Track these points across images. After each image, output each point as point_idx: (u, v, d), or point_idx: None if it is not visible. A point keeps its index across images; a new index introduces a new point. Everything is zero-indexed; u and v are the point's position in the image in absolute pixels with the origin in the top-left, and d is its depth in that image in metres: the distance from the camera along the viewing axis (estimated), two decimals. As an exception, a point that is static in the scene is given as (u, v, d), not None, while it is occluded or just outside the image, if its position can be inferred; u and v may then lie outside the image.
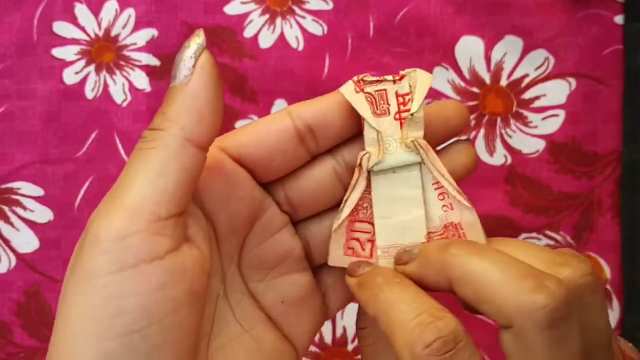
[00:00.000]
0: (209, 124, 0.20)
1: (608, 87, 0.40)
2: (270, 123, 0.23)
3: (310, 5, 0.40)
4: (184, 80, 0.20)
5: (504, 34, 0.40)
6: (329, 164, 0.23)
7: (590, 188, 0.40)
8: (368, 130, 0.22)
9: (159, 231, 0.19)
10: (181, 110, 0.19)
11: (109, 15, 0.41)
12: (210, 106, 0.20)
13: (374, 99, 0.23)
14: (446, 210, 0.23)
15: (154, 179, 0.19)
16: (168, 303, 0.19)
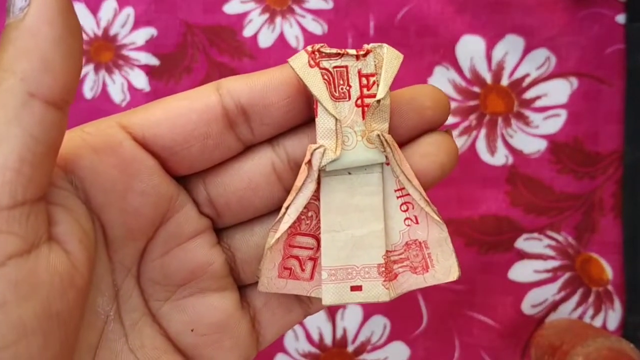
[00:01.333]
0: (60, 73, 0.14)
1: (610, 87, 0.40)
2: (191, 99, 0.17)
3: (310, 4, 0.40)
4: (19, 14, 0.14)
5: (505, 33, 0.40)
6: (267, 157, 0.18)
7: (592, 188, 0.40)
8: (323, 117, 0.17)
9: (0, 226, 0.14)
10: (19, 55, 0.14)
11: (107, 14, 0.40)
12: (60, 48, 0.14)
13: (332, 77, 0.17)
14: (410, 224, 0.18)
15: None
16: (9, 328, 0.13)
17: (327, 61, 0.17)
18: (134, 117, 0.17)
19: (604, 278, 0.40)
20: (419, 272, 0.18)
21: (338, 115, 0.17)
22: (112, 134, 0.17)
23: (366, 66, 0.17)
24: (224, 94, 0.17)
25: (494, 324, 0.41)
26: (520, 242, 0.40)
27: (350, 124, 0.17)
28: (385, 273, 0.17)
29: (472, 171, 0.40)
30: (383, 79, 0.17)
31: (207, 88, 0.17)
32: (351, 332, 0.41)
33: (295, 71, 0.17)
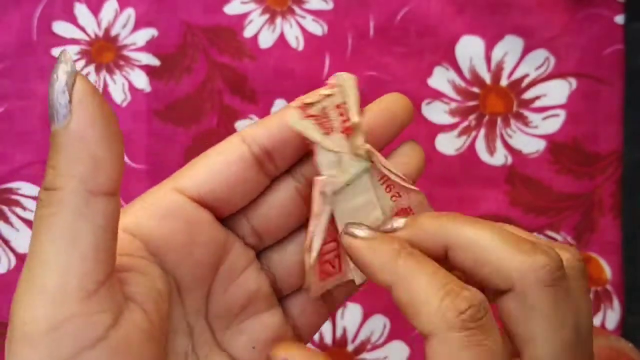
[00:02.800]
0: (110, 166, 0.16)
1: (609, 87, 0.40)
2: (226, 154, 0.21)
3: (310, 5, 0.40)
4: (63, 122, 0.16)
5: (505, 34, 0.40)
6: (291, 184, 0.21)
7: (591, 188, 0.40)
8: (323, 154, 0.20)
9: (93, 308, 0.16)
10: (72, 160, 0.16)
11: (108, 15, 0.41)
12: (105, 145, 0.16)
13: (320, 119, 0.20)
14: (395, 199, 0.22)
15: (68, 249, 0.16)
16: None
17: (313, 108, 0.20)
18: (183, 180, 0.20)
19: (603, 278, 0.40)
20: None
21: (335, 148, 0.20)
22: (173, 200, 0.20)
23: (337, 98, 0.21)
24: (250, 143, 0.20)
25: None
26: (520, 241, 0.40)
27: (342, 149, 0.21)
28: None
29: (471, 171, 0.40)
30: (351, 104, 0.21)
31: (235, 140, 0.21)
32: (351, 331, 0.41)
33: (295, 129, 0.20)
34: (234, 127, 0.40)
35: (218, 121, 0.40)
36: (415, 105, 0.40)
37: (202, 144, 0.40)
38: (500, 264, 0.18)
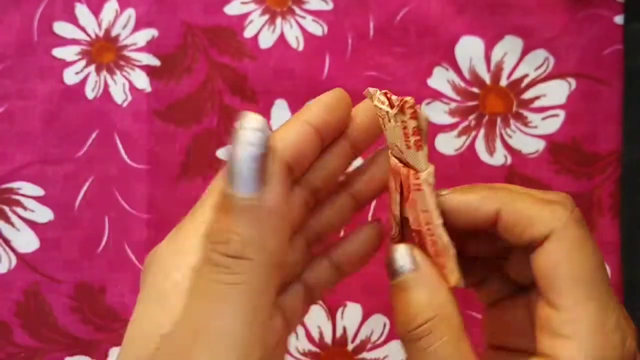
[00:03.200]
0: (287, 238, 0.17)
1: (608, 87, 0.40)
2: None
3: (310, 5, 0.40)
4: (250, 191, 0.16)
5: (504, 34, 0.40)
6: (301, 195, 0.22)
7: (590, 188, 0.40)
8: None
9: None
10: (267, 233, 0.16)
11: (109, 15, 0.41)
12: (288, 218, 0.17)
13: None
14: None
15: (251, 324, 0.16)
16: None
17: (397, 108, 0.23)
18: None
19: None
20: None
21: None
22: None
23: (413, 123, 0.23)
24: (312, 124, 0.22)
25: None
26: (519, 241, 0.41)
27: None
28: None
29: (471, 171, 0.40)
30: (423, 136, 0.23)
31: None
32: (351, 330, 0.41)
33: (376, 105, 0.23)
34: (234, 127, 0.40)
35: (218, 121, 0.41)
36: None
37: (203, 144, 0.40)
38: (540, 214, 0.20)
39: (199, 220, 0.20)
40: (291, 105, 0.40)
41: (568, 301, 0.20)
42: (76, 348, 0.42)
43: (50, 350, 0.42)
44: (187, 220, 0.21)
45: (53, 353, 0.42)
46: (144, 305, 0.19)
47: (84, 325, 0.42)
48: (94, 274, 0.41)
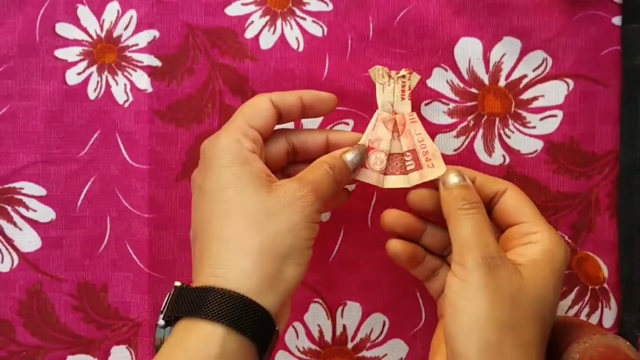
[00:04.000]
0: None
1: (606, 88, 0.40)
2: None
3: (310, 6, 0.41)
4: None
5: (503, 35, 0.40)
6: (284, 146, 0.37)
7: (588, 188, 0.40)
8: (381, 97, 0.38)
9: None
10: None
11: (110, 16, 0.41)
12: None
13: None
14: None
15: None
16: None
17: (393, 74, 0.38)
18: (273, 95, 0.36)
19: (600, 276, 0.41)
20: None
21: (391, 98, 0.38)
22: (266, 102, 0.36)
23: (410, 83, 0.38)
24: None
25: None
26: (518, 241, 0.41)
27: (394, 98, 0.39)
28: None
29: (470, 171, 0.41)
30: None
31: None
32: (351, 329, 0.42)
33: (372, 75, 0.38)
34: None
35: (219, 121, 0.41)
36: (414, 106, 0.41)
37: (204, 144, 0.41)
38: (498, 181, 0.36)
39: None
40: (291, 106, 0.40)
41: (534, 219, 0.34)
42: (78, 346, 0.42)
43: (52, 348, 0.42)
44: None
45: (55, 351, 0.42)
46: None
47: (86, 324, 0.42)
48: (95, 273, 0.42)
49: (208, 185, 0.32)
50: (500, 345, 0.30)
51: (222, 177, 0.32)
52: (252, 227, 0.31)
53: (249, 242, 0.31)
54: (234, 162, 0.32)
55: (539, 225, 0.34)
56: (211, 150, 0.33)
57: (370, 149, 0.37)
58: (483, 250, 0.32)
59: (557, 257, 0.33)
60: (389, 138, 0.37)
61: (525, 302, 0.31)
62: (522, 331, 0.31)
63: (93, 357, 0.42)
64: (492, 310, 0.30)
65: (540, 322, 0.32)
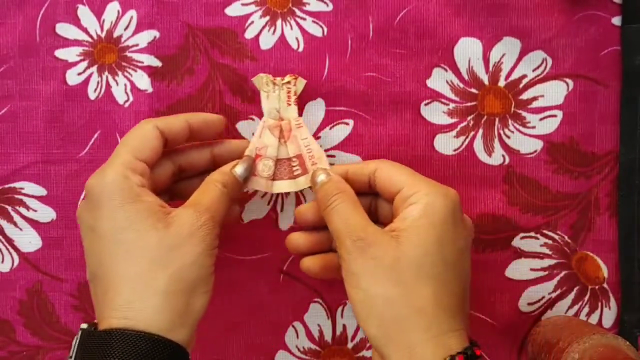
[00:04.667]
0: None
1: (606, 88, 0.40)
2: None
3: (310, 6, 0.41)
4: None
5: (502, 35, 0.40)
6: (170, 167, 0.38)
7: (588, 188, 0.40)
8: (266, 105, 0.39)
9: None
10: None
11: (111, 16, 0.41)
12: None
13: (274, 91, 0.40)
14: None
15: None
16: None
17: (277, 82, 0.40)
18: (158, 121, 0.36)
19: (600, 276, 0.41)
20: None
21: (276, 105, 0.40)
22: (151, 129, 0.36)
23: (295, 88, 0.39)
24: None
25: (491, 321, 0.41)
26: (517, 240, 0.41)
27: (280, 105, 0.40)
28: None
29: (469, 171, 0.41)
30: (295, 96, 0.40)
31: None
32: (351, 329, 0.42)
33: (255, 83, 0.40)
34: (235, 128, 0.41)
35: (219, 121, 0.41)
36: (414, 106, 0.41)
37: (204, 144, 0.41)
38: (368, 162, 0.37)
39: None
40: (291, 106, 0.41)
41: (410, 181, 0.34)
42: (78, 346, 0.42)
43: (53, 348, 0.42)
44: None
45: (55, 351, 0.42)
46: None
47: (86, 323, 0.42)
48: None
49: (102, 227, 0.32)
50: (396, 318, 0.30)
51: (116, 218, 0.31)
52: (156, 266, 0.31)
53: (155, 281, 0.31)
54: (125, 201, 0.31)
55: (415, 186, 0.33)
56: (99, 189, 0.32)
57: (258, 157, 0.38)
58: (351, 235, 0.32)
59: (437, 208, 0.32)
60: (276, 144, 0.38)
61: (406, 268, 0.31)
62: (412, 297, 0.31)
63: (93, 357, 0.42)
64: (377, 289, 0.31)
65: (432, 281, 0.31)
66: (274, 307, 0.42)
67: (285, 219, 0.41)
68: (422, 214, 0.32)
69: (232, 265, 0.41)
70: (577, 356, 0.34)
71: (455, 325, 0.31)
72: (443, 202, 0.32)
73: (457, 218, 0.33)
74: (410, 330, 0.30)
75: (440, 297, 0.31)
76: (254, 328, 0.42)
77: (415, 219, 0.32)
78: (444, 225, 0.32)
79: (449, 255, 0.32)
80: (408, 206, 0.33)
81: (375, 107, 0.41)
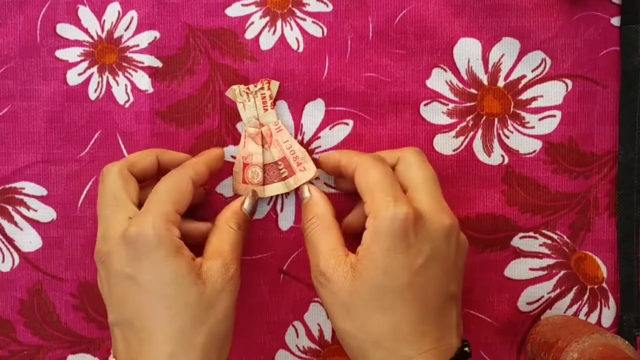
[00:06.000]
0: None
1: (604, 88, 0.40)
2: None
3: (310, 7, 0.41)
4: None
5: (502, 36, 0.40)
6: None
7: (587, 188, 0.41)
8: (244, 114, 0.40)
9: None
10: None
11: (111, 17, 0.41)
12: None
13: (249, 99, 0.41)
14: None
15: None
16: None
17: (250, 89, 0.41)
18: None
19: (599, 276, 0.41)
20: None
21: (254, 114, 0.41)
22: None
23: (267, 92, 0.41)
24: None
25: (490, 320, 0.41)
26: (516, 240, 0.41)
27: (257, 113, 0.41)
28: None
29: (468, 171, 0.41)
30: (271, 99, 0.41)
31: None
32: (350, 329, 0.42)
33: (229, 95, 0.41)
34: (235, 128, 0.41)
35: (219, 122, 0.41)
36: (414, 106, 0.41)
37: (204, 144, 0.41)
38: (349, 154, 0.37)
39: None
40: (291, 106, 0.41)
41: (368, 197, 0.33)
42: (79, 346, 0.42)
43: (53, 348, 0.42)
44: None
45: (56, 351, 0.42)
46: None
47: (87, 323, 0.42)
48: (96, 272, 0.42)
49: (144, 278, 0.32)
50: (360, 350, 0.32)
51: (161, 271, 0.32)
52: (197, 322, 0.32)
53: (196, 337, 0.32)
54: (170, 254, 0.32)
55: (371, 205, 0.33)
56: (144, 239, 0.32)
57: (246, 165, 0.40)
58: (314, 271, 0.34)
59: (383, 234, 0.32)
60: (260, 151, 0.40)
61: (359, 302, 0.32)
62: (367, 331, 0.32)
63: (94, 357, 0.42)
64: (338, 323, 0.33)
65: (384, 311, 0.31)
66: (274, 306, 0.42)
67: (286, 219, 0.41)
68: (371, 242, 0.32)
69: (232, 265, 0.42)
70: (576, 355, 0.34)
71: (421, 347, 0.31)
72: (389, 226, 0.32)
73: (408, 239, 0.32)
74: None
75: (397, 327, 0.32)
76: (254, 328, 0.42)
77: (365, 248, 0.32)
78: (390, 252, 0.32)
79: (403, 281, 0.32)
80: (364, 229, 0.33)
81: (375, 107, 0.41)
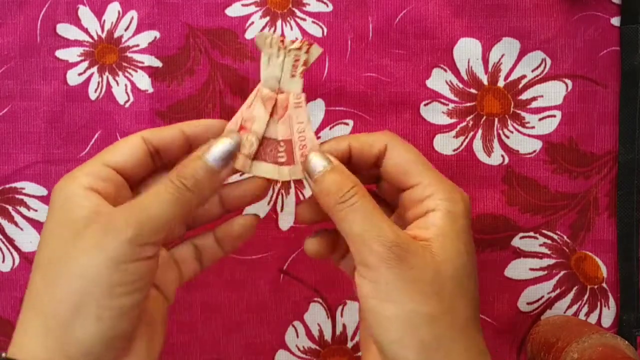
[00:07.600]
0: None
1: (604, 88, 0.40)
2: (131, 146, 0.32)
3: (310, 7, 0.41)
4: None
5: (502, 36, 0.40)
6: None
7: (587, 188, 0.41)
8: (266, 72, 0.33)
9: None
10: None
11: (111, 17, 0.41)
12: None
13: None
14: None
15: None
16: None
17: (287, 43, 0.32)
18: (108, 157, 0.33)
19: (599, 276, 0.41)
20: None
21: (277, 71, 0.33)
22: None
23: (305, 57, 0.32)
24: (147, 143, 0.32)
25: (490, 320, 0.41)
26: (517, 240, 0.41)
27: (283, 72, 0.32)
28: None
29: (469, 171, 0.41)
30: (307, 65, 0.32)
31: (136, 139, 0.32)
32: (350, 328, 0.42)
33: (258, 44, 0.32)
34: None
35: (219, 122, 0.41)
36: (413, 106, 0.41)
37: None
38: (375, 137, 0.31)
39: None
40: (291, 106, 0.41)
41: (424, 178, 0.30)
42: (79, 346, 0.42)
43: (54, 348, 0.42)
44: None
45: (56, 351, 0.42)
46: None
47: (87, 323, 0.42)
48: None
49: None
50: (439, 340, 0.26)
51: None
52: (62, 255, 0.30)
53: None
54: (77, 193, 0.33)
55: (430, 187, 0.29)
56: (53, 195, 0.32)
57: (242, 129, 0.31)
58: (383, 240, 0.27)
59: (458, 216, 0.29)
60: (265, 120, 0.31)
61: (447, 283, 0.27)
62: (454, 316, 0.27)
63: (94, 357, 0.42)
64: (418, 306, 0.26)
65: (466, 295, 0.28)
66: (274, 306, 0.42)
67: (286, 219, 0.41)
68: (446, 224, 0.28)
69: (232, 265, 0.42)
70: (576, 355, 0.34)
71: (484, 343, 0.28)
72: (463, 209, 0.29)
73: (469, 223, 0.30)
74: (452, 353, 0.27)
75: (476, 315, 0.28)
76: (254, 328, 0.42)
77: (440, 228, 0.28)
78: (466, 235, 0.29)
79: (474, 267, 0.29)
80: (426, 213, 0.29)
81: (374, 107, 0.41)
